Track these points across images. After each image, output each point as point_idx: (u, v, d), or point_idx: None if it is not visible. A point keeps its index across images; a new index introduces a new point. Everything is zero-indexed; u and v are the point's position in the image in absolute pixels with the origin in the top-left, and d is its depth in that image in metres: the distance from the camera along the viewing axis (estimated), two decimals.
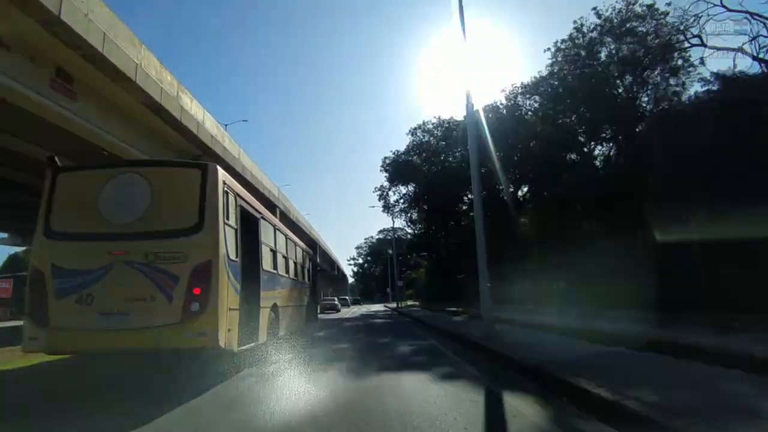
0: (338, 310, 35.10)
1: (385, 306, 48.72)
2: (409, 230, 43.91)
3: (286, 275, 9.68)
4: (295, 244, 11.43)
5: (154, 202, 5.46)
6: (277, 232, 9.11)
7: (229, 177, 6.31)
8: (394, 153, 36.16)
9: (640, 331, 7.80)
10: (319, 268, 20.76)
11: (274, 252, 8.62)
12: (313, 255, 14.62)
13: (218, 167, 5.76)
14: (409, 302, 47.68)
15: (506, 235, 20.40)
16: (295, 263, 11.04)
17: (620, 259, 12.72)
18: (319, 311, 32.24)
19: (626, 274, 12.07)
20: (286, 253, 9.92)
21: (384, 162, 36.82)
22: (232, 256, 5.89)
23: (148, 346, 5.07)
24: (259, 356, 6.87)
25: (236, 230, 6.18)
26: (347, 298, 53.43)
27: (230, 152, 18.46)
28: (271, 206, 23.06)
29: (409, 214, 40.46)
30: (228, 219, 5.89)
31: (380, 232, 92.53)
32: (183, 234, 5.34)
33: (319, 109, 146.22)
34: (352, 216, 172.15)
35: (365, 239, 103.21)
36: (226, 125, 22.13)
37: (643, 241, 12.07)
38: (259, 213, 7.73)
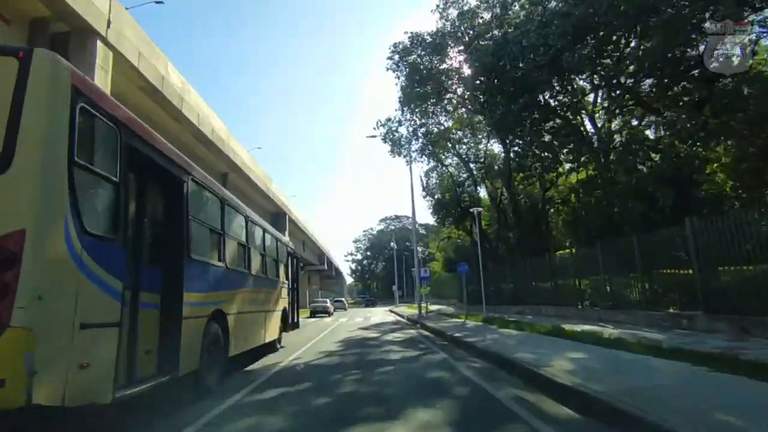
0: (330, 314, 32.10)
1: (392, 312, 29.55)
2: (427, 201, 30.69)
3: (243, 269, 6.91)
4: (264, 229, 8.65)
5: None
6: (227, 206, 6.36)
7: (94, 83, 3.60)
8: (410, 35, 20.90)
9: None
10: (302, 264, 17.07)
11: (220, 234, 5.90)
12: (291, 248, 11.75)
13: (58, 56, 3.05)
14: (432, 306, 26.89)
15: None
16: (262, 254, 8.27)
17: None
18: (309, 315, 29.51)
19: None
20: (245, 239, 7.16)
21: (394, 50, 21.06)
22: (98, 229, 3.22)
23: None
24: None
25: (116, 185, 3.48)
26: (343, 300, 49.14)
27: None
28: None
29: (435, 161, 26.16)
30: (91, 161, 3.22)
31: (381, 221, 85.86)
32: None
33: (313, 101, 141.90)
34: (349, 210, 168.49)
35: (364, 231, 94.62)
36: (127, 8, 13.14)
37: None
38: (185, 170, 4.93)
